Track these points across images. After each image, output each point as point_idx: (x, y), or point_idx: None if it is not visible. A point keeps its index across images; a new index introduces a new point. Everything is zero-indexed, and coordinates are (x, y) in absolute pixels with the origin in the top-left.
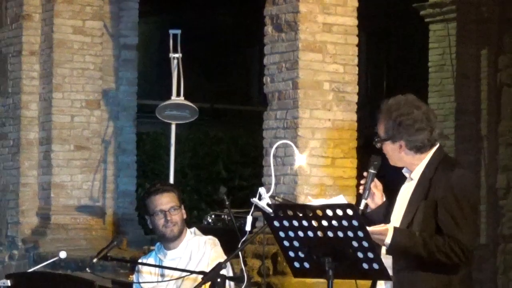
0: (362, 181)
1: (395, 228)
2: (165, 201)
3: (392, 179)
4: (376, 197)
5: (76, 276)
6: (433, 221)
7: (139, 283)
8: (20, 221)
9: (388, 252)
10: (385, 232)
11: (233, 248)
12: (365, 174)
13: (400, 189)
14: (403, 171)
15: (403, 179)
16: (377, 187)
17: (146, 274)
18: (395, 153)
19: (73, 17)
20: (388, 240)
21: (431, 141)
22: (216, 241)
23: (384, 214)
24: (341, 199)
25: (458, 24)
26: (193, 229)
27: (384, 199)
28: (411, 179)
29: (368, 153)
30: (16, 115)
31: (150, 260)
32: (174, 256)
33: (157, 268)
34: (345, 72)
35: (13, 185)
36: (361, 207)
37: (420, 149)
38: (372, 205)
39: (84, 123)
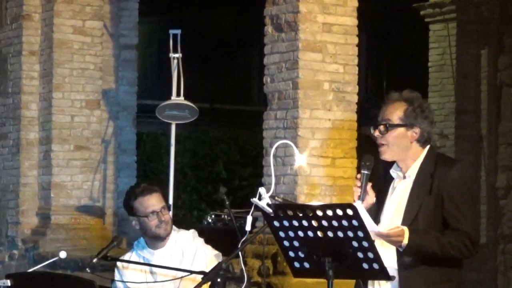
0: (357, 183)
1: (409, 229)
2: (155, 202)
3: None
4: (369, 198)
5: (76, 276)
6: (439, 215)
7: (131, 282)
8: (20, 221)
9: (403, 252)
10: (402, 233)
11: (233, 248)
12: (358, 176)
13: (389, 188)
14: (391, 171)
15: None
16: (370, 188)
17: (133, 272)
18: (404, 141)
19: (73, 17)
20: (405, 240)
21: (431, 138)
22: (196, 233)
23: (374, 213)
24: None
25: (458, 24)
26: None
27: (375, 198)
28: (406, 178)
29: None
30: (16, 115)
31: (134, 259)
32: (163, 255)
33: (145, 267)
34: (345, 72)
35: (13, 185)
36: None
37: (425, 142)
38: (364, 205)
39: (84, 123)
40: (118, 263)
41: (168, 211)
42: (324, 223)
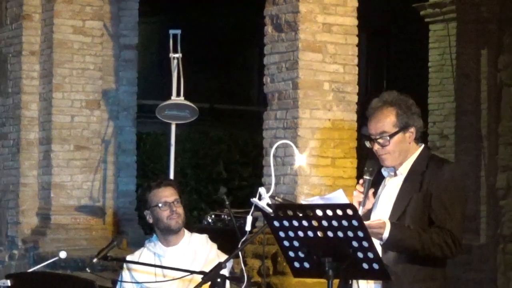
0: (360, 189)
1: (391, 222)
2: (169, 193)
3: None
4: (369, 203)
5: (76, 276)
6: (426, 213)
7: (138, 283)
8: (20, 221)
9: (383, 246)
10: (383, 225)
11: (233, 248)
12: (361, 181)
13: (380, 186)
14: (383, 169)
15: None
16: (371, 194)
17: (141, 273)
18: (404, 145)
19: (73, 17)
20: (386, 234)
21: (422, 131)
22: (208, 238)
23: (366, 213)
24: (340, 194)
25: (458, 24)
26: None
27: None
28: (397, 175)
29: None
30: (16, 115)
31: (146, 257)
32: (176, 253)
33: (156, 263)
34: (345, 72)
35: (13, 185)
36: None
37: (419, 137)
38: (364, 211)
39: (84, 123)
40: (126, 264)
41: (182, 206)
42: (324, 223)
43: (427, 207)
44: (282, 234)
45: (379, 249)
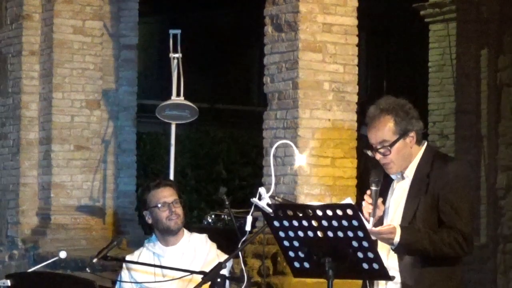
0: (368, 200)
1: (401, 226)
2: (168, 194)
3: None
4: (379, 211)
5: (76, 276)
6: (435, 214)
7: (137, 283)
8: (20, 221)
9: (395, 250)
10: (394, 230)
11: (233, 248)
12: (368, 192)
13: (389, 190)
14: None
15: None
16: (381, 203)
17: (141, 273)
18: (406, 150)
19: (73, 17)
20: (397, 238)
21: (422, 132)
22: (208, 238)
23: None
24: (348, 202)
25: (458, 24)
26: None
27: (383, 211)
28: (404, 178)
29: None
30: (16, 115)
31: (145, 257)
32: (175, 252)
33: (156, 263)
34: (345, 72)
35: (13, 185)
36: (370, 225)
37: (421, 139)
38: (375, 221)
39: (84, 123)
40: (126, 264)
41: (181, 206)
42: (324, 223)
43: (436, 208)
44: (282, 234)
45: (394, 257)
